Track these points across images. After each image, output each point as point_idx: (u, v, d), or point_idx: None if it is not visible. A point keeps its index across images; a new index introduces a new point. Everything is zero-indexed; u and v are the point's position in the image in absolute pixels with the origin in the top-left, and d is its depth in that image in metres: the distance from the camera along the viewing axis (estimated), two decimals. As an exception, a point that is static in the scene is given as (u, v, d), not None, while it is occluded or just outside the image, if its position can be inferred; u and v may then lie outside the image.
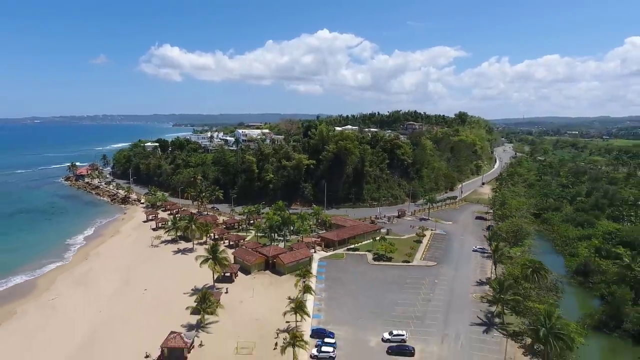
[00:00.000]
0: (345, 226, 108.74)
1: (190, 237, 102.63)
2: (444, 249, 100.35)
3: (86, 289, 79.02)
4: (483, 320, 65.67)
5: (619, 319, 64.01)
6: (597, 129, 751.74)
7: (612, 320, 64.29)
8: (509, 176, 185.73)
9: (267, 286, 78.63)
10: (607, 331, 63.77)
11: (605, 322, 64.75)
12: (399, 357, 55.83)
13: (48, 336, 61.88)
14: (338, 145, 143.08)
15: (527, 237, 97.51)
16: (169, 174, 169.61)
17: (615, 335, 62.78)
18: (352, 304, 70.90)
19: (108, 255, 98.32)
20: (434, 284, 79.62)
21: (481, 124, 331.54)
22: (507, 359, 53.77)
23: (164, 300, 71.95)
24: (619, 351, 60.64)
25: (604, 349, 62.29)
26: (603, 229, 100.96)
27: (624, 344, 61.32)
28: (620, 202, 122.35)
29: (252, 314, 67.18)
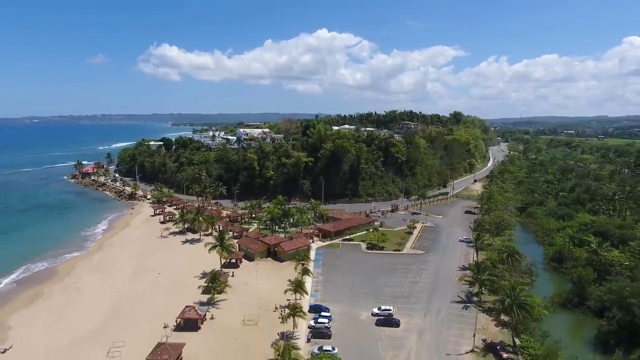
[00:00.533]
0: (341, 219, 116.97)
1: (197, 229, 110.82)
2: (432, 240, 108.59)
3: (104, 274, 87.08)
4: (462, 299, 73.88)
5: (583, 297, 72.22)
6: (594, 129, 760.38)
7: (577, 297, 72.55)
8: (500, 173, 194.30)
9: (269, 271, 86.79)
10: (572, 307, 72.01)
11: (571, 300, 73.04)
12: (386, 328, 63.93)
13: (75, 312, 69.94)
14: (335, 144, 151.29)
15: (508, 227, 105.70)
16: (173, 171, 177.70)
17: (579, 311, 70.98)
18: (346, 286, 79.05)
19: (121, 245, 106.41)
20: (421, 269, 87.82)
21: (476, 124, 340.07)
22: (477, 329, 61.87)
23: (177, 283, 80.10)
24: (582, 324, 68.68)
25: (569, 322, 70.39)
26: (580, 221, 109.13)
27: (586, 318, 69.39)
28: (601, 197, 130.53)
29: (256, 293, 75.32)
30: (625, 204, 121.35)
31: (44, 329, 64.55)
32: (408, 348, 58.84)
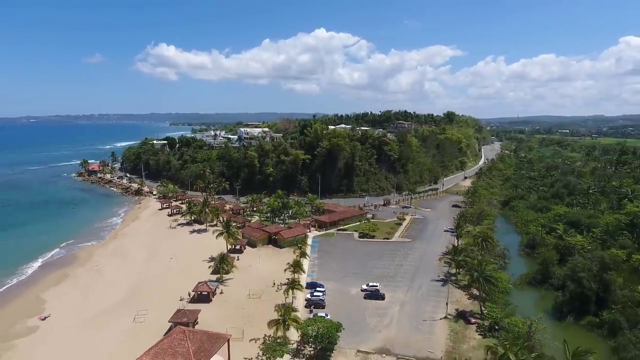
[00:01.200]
0: (336, 211, 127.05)
1: (203, 220, 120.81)
2: (419, 230, 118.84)
3: (121, 259, 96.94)
4: (441, 278, 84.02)
5: (547, 276, 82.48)
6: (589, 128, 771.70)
7: (541, 276, 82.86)
8: (488, 170, 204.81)
9: (270, 256, 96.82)
10: (537, 284, 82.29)
11: (536, 278, 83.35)
12: (373, 301, 73.99)
13: (100, 289, 79.82)
14: (331, 142, 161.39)
15: (487, 218, 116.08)
16: (177, 168, 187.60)
17: (543, 287, 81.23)
18: (339, 268, 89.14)
19: (133, 235, 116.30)
20: (407, 255, 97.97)
21: (469, 123, 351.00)
22: (452, 301, 72.06)
23: (188, 265, 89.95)
24: (544, 298, 78.67)
25: (534, 297, 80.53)
26: (555, 212, 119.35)
27: (548, 293, 79.48)
28: (578, 192, 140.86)
29: (259, 273, 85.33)
30: (601, 197, 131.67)
31: (74, 302, 74.42)
32: (390, 315, 68.97)
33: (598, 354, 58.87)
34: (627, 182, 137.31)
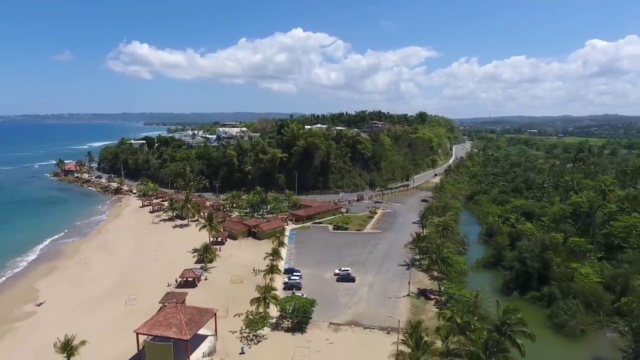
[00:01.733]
0: (312, 206, 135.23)
1: (185, 216, 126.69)
2: (389, 222, 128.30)
3: (107, 252, 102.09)
4: (406, 263, 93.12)
5: (499, 259, 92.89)
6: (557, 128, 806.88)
7: (494, 259, 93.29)
8: (456, 168, 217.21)
9: (250, 247, 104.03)
10: (490, 267, 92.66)
11: (490, 262, 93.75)
12: (344, 283, 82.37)
13: (89, 278, 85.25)
14: (307, 141, 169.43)
15: (451, 209, 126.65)
16: (156, 167, 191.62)
17: (495, 269, 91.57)
18: (314, 256, 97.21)
19: (117, 231, 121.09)
20: (377, 244, 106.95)
21: (441, 123, 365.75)
22: (414, 282, 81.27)
23: (173, 256, 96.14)
24: (496, 278, 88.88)
25: (488, 277, 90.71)
26: (513, 204, 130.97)
27: (499, 274, 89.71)
28: (535, 186, 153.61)
29: (241, 262, 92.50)
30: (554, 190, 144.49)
31: (66, 290, 79.75)
32: (360, 295, 77.53)
33: (537, 322, 69.43)
34: (578, 177, 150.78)
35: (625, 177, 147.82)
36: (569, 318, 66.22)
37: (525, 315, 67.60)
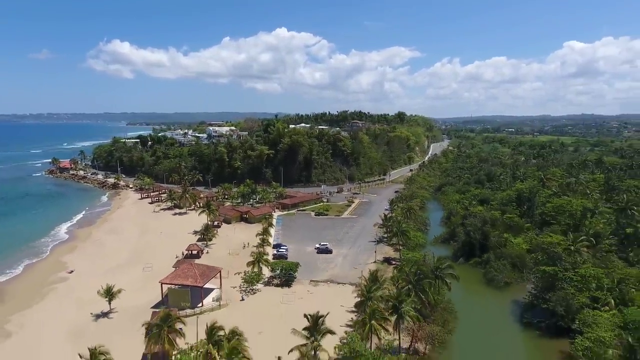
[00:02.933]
0: (297, 196, 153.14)
1: (182, 205, 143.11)
2: (365, 209, 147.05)
3: (118, 235, 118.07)
4: (376, 239, 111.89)
5: (453, 235, 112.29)
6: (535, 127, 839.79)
7: (449, 236, 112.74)
8: (429, 163, 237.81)
9: (243, 229, 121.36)
10: (446, 242, 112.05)
11: (446, 238, 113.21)
12: (323, 254, 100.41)
13: (106, 254, 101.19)
14: (291, 139, 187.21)
15: (417, 197, 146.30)
16: (150, 164, 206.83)
17: (449, 243, 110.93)
18: (298, 235, 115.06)
19: (122, 219, 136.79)
20: (353, 226, 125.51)
21: (419, 122, 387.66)
22: (381, 253, 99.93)
23: (176, 237, 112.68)
24: (450, 250, 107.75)
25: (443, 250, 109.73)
26: (472, 193, 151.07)
27: (452, 247, 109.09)
28: (494, 178, 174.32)
29: (235, 240, 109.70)
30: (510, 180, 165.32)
31: (90, 262, 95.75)
32: (335, 262, 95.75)
33: (476, 279, 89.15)
34: (532, 170, 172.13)
35: (571, 170, 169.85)
36: (497, 274, 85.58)
37: (467, 275, 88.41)
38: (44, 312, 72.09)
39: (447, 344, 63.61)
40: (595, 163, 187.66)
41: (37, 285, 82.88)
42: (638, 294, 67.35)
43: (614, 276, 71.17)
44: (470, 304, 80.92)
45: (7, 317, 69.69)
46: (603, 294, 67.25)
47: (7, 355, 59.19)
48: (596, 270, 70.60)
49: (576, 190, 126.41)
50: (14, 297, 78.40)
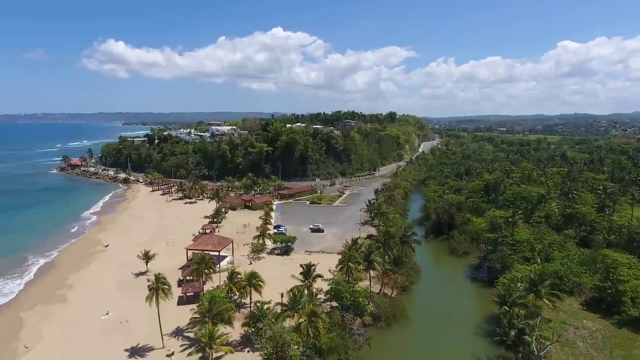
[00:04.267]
0: (293, 188, 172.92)
1: (192, 196, 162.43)
2: (354, 199, 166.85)
3: (139, 219, 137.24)
4: (362, 222, 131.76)
5: (428, 218, 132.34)
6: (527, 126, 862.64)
7: (425, 219, 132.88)
8: (417, 160, 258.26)
9: (247, 214, 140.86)
10: (422, 223, 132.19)
11: (422, 221, 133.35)
12: (316, 233, 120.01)
13: (132, 234, 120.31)
14: (288, 137, 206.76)
15: (400, 187, 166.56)
16: (158, 161, 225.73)
17: (425, 225, 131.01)
18: (295, 219, 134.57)
19: (139, 207, 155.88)
20: (343, 212, 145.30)
21: (410, 122, 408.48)
22: (366, 232, 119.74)
23: (190, 220, 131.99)
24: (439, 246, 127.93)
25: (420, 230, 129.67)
26: (450, 185, 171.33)
27: (427, 228, 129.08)
28: (472, 171, 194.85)
29: (241, 223, 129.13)
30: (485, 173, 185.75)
31: (120, 239, 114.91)
32: (326, 239, 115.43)
33: (442, 251, 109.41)
34: (505, 164, 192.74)
35: (539, 164, 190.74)
36: (457, 246, 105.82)
37: (436, 248, 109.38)
38: (92, 272, 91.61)
39: (411, 291, 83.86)
40: (561, 158, 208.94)
41: (82, 256, 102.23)
42: (559, 254, 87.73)
43: (544, 242, 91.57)
44: (435, 267, 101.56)
45: (65, 277, 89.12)
46: (532, 254, 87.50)
47: (75, 299, 78.60)
48: (527, 236, 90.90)
49: (535, 180, 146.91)
50: (66, 264, 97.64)
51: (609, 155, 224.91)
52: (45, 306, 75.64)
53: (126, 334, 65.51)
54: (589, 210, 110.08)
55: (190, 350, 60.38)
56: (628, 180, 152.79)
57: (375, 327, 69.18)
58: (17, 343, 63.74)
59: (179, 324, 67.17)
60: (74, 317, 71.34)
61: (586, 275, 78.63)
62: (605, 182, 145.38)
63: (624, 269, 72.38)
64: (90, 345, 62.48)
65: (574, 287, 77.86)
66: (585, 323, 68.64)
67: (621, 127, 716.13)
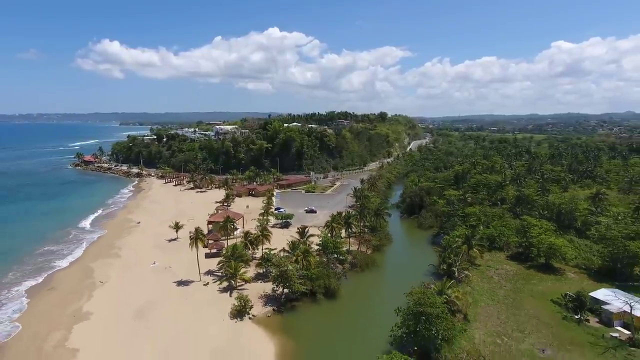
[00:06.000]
0: (290, 179, 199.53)
1: (202, 186, 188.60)
2: (344, 188, 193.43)
3: (159, 204, 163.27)
4: (349, 205, 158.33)
5: (404, 202, 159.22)
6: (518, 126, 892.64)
7: (401, 202, 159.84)
8: (403, 156, 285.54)
9: (251, 200, 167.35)
10: (399, 206, 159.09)
11: (399, 204, 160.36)
12: (310, 214, 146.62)
13: (158, 215, 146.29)
14: (286, 135, 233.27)
15: (382, 178, 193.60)
16: (167, 157, 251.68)
17: (400, 207, 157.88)
18: (292, 203, 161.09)
19: (157, 195, 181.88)
20: (333, 198, 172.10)
21: (400, 121, 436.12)
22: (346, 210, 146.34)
23: (204, 204, 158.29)
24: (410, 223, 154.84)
25: (396, 212, 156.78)
26: (427, 176, 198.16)
27: (404, 210, 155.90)
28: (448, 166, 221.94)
29: (246, 205, 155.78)
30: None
31: (148, 217, 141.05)
32: (318, 217, 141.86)
33: (412, 226, 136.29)
34: (478, 159, 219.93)
35: (509, 158, 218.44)
36: (424, 221, 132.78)
37: (408, 224, 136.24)
38: (133, 239, 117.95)
39: (383, 251, 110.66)
40: (526, 153, 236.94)
41: (120, 229, 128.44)
42: (497, 223, 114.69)
43: (488, 214, 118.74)
44: (405, 237, 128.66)
45: (113, 242, 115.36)
46: (478, 223, 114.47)
47: (126, 255, 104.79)
48: (474, 210, 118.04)
49: (497, 171, 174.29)
50: (110, 235, 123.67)
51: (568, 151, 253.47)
52: (106, 259, 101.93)
53: (171, 275, 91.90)
54: (532, 192, 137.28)
55: (219, 281, 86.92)
56: (581, 171, 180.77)
57: (353, 272, 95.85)
58: (93, 280, 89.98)
59: (209, 268, 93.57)
60: (130, 265, 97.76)
61: (513, 236, 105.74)
62: (562, 173, 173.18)
63: (535, 229, 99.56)
64: (146, 281, 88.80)
65: (504, 245, 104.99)
66: (505, 267, 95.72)
67: (608, 126, 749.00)
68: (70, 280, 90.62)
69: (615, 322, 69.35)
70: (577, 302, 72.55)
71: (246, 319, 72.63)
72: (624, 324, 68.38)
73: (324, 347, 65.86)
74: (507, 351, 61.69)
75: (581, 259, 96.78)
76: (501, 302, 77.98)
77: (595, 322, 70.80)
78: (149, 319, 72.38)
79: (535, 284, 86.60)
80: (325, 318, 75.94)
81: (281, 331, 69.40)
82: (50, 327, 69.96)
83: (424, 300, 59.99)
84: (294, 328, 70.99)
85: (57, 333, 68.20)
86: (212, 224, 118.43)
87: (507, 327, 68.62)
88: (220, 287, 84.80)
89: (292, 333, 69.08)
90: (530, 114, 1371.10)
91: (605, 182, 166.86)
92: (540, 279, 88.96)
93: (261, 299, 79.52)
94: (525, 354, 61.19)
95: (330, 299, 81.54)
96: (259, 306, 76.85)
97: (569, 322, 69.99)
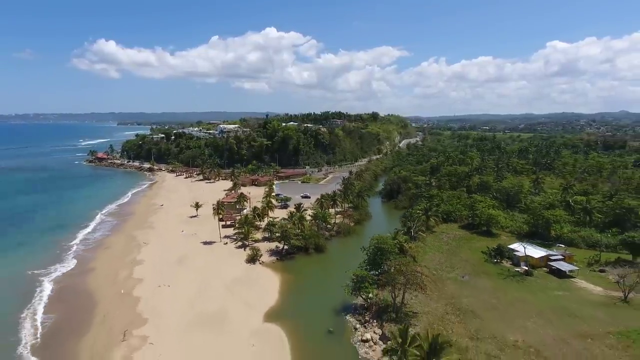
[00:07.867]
0: (288, 172, 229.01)
1: (211, 177, 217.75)
2: (335, 180, 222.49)
3: (175, 192, 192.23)
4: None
5: (385, 189, 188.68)
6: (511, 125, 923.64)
7: (383, 189, 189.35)
8: (391, 153, 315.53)
9: (254, 189, 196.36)
10: (380, 193, 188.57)
11: (380, 191, 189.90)
12: (305, 199, 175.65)
13: (177, 200, 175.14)
14: (284, 133, 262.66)
15: (368, 170, 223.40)
16: (175, 153, 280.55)
17: (382, 193, 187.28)
18: (290, 190, 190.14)
19: (171, 186, 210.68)
20: (326, 188, 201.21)
21: (392, 121, 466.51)
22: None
23: (214, 192, 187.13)
24: (389, 205, 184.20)
25: (379, 198, 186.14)
26: (410, 169, 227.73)
27: (384, 196, 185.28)
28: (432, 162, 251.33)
29: (251, 193, 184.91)
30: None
31: (169, 203, 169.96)
32: (312, 202, 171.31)
33: (391, 208, 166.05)
34: (455, 154, 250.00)
35: (483, 154, 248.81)
36: (399, 203, 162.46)
37: (387, 207, 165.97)
38: (161, 217, 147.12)
39: (363, 225, 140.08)
40: (497, 149, 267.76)
41: (148, 211, 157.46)
42: (454, 201, 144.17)
43: (450, 196, 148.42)
44: (383, 216, 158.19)
45: (145, 219, 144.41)
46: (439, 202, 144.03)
47: (158, 227, 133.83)
48: (436, 192, 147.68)
49: (467, 163, 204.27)
50: (140, 214, 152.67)
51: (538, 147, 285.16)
52: (142, 230, 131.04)
53: (197, 238, 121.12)
54: (490, 179, 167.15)
55: (235, 242, 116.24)
56: (541, 164, 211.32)
57: (337, 237, 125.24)
58: (138, 242, 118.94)
59: (226, 234, 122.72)
60: (163, 233, 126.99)
61: (465, 211, 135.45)
62: (527, 166, 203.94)
63: (481, 204, 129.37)
64: (179, 242, 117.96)
65: (457, 218, 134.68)
66: (456, 233, 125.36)
67: (597, 125, 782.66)
68: (119, 243, 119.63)
69: (522, 263, 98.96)
70: (498, 251, 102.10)
71: (257, 263, 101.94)
72: (527, 264, 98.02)
73: (314, 281, 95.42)
74: (438, 277, 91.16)
75: (515, 227, 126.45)
76: (444, 252, 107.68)
77: (509, 264, 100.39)
78: (186, 264, 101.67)
79: (474, 242, 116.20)
80: (316, 264, 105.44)
81: (283, 270, 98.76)
82: (117, 268, 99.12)
83: (382, 241, 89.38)
84: (293, 269, 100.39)
85: (123, 271, 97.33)
86: (226, 204, 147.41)
87: (443, 265, 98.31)
88: (237, 245, 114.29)
89: (292, 272, 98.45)
90: (525, 114, 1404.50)
91: (561, 173, 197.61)
92: (479, 240, 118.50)
93: (267, 252, 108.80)
94: (450, 279, 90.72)
95: (320, 253, 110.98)
96: (266, 257, 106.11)
97: (489, 263, 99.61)
